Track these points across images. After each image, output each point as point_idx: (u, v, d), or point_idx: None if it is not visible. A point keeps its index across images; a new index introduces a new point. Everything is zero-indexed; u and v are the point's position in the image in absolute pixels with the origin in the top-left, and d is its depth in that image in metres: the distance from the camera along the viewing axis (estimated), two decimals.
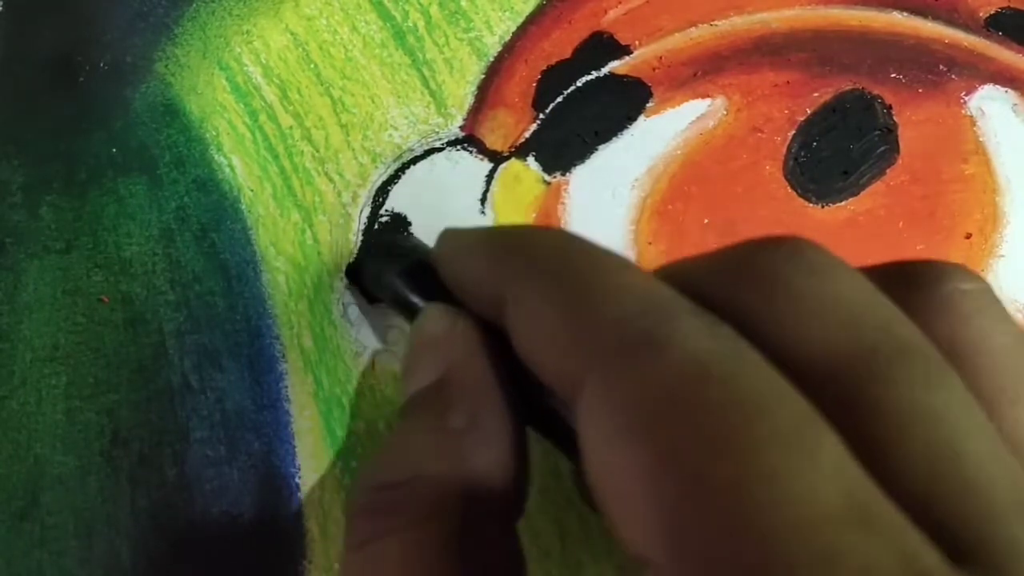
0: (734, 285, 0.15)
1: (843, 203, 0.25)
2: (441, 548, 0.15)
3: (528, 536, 0.21)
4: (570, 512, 0.18)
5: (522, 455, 0.17)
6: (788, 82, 0.26)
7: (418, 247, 0.21)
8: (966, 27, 0.27)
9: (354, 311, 0.22)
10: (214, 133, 0.23)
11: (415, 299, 0.19)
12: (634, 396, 0.13)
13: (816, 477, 0.11)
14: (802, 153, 0.25)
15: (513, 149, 0.24)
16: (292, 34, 0.24)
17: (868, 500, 0.12)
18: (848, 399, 0.13)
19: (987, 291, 0.16)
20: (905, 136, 0.26)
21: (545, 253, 0.16)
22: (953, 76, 0.27)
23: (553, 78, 0.25)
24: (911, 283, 0.15)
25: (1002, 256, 0.25)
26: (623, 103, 0.25)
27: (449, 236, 0.18)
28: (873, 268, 0.16)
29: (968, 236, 0.25)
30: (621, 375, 0.13)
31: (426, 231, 0.23)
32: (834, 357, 0.13)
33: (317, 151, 0.23)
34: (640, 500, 0.12)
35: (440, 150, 0.24)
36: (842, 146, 0.26)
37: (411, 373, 0.18)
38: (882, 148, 0.26)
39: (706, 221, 0.25)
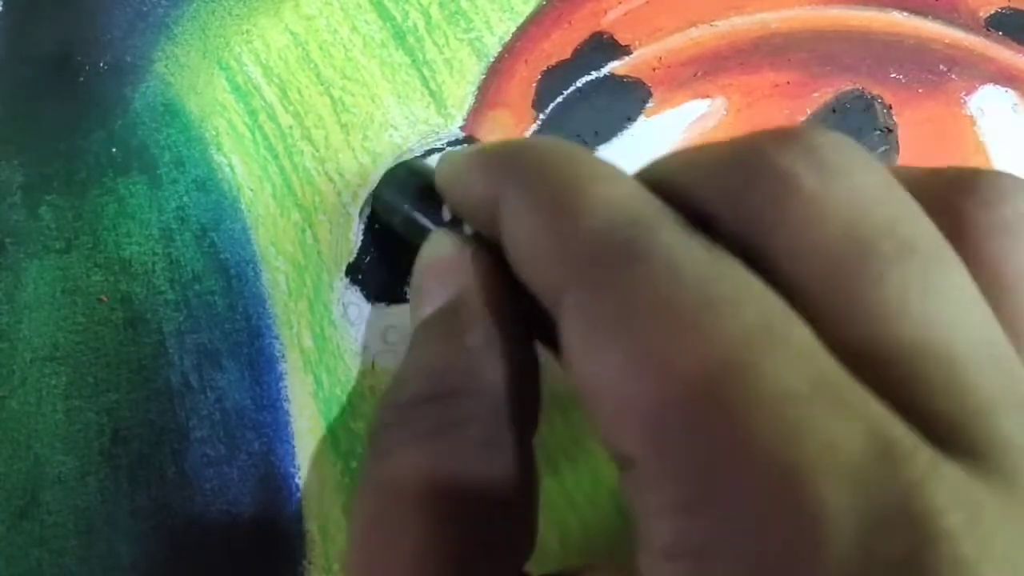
0: (740, 184, 0.14)
1: None
2: (460, 457, 0.16)
3: None
4: (571, 513, 0.18)
5: (535, 370, 0.17)
6: (788, 82, 0.26)
7: (428, 172, 0.21)
8: (966, 27, 0.27)
9: (354, 311, 0.22)
10: (214, 133, 0.23)
11: (426, 223, 0.20)
12: (609, 303, 0.13)
13: (782, 364, 0.12)
14: None
15: None
16: (292, 34, 0.24)
17: (837, 383, 0.12)
18: (836, 300, 0.13)
19: None
20: (905, 136, 0.26)
21: (533, 163, 0.16)
22: (953, 76, 0.27)
23: (553, 79, 0.25)
24: (970, 192, 0.15)
25: None
26: (623, 103, 0.25)
27: (447, 158, 0.19)
28: (929, 170, 0.16)
29: None
30: (597, 284, 0.14)
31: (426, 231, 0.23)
32: (830, 260, 0.13)
33: (317, 151, 0.23)
34: (618, 399, 0.13)
35: (440, 150, 0.24)
36: None
37: (420, 298, 0.18)
38: (882, 148, 0.26)
39: None
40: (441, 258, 0.18)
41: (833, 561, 0.11)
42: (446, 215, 0.19)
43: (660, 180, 0.15)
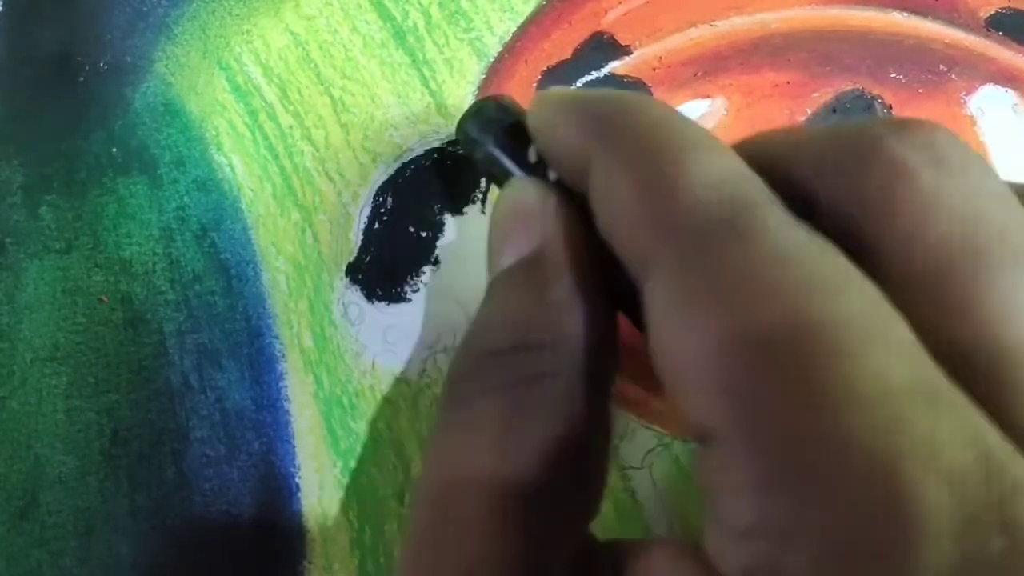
0: (852, 167, 0.14)
1: None
2: (543, 408, 0.15)
3: None
4: None
5: (615, 326, 0.17)
6: (788, 82, 0.26)
7: (518, 111, 0.20)
8: (966, 27, 0.27)
9: (354, 311, 0.22)
10: (214, 133, 0.23)
11: (509, 163, 0.19)
12: (706, 276, 0.13)
13: (884, 356, 0.12)
14: None
15: None
16: (292, 34, 0.24)
17: (937, 382, 0.12)
18: (942, 296, 0.13)
19: None
20: None
21: (630, 122, 0.16)
22: (953, 76, 0.27)
23: (553, 79, 0.25)
24: None
25: None
26: None
27: (541, 99, 0.18)
28: None
29: None
30: (695, 256, 0.13)
31: (426, 231, 0.23)
32: (940, 257, 0.13)
33: (317, 151, 0.23)
34: (708, 370, 0.13)
35: (441, 150, 0.24)
36: None
37: (502, 245, 0.18)
38: None
39: None
40: (524, 204, 0.18)
41: (930, 559, 0.11)
42: (532, 157, 0.19)
43: (761, 153, 0.15)
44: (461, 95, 0.25)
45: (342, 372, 0.22)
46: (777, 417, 0.12)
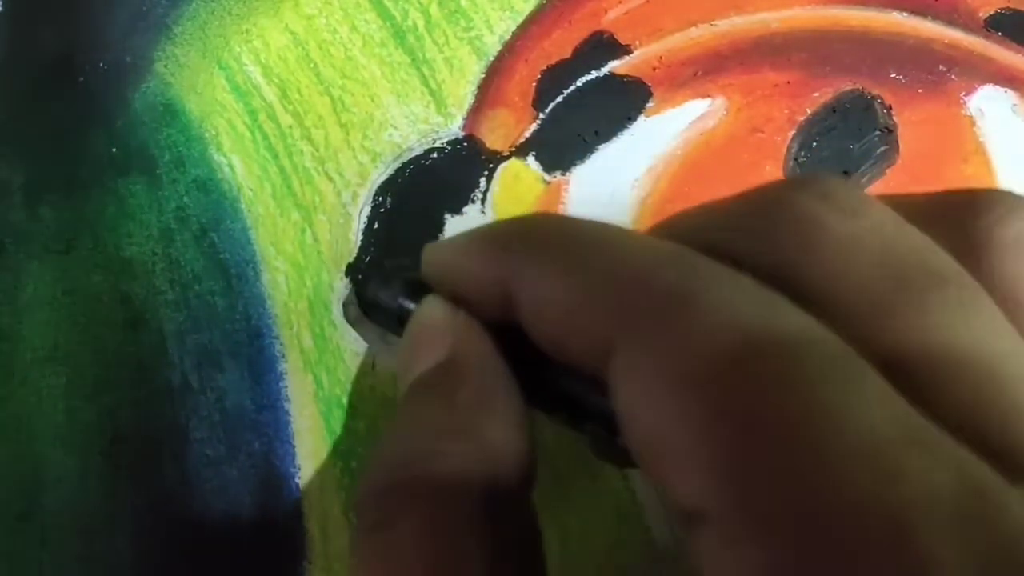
0: (764, 229, 0.15)
1: None
2: (462, 525, 0.15)
3: None
4: (571, 514, 0.18)
5: (529, 428, 0.17)
6: (788, 82, 0.26)
7: (409, 265, 0.21)
8: (966, 27, 0.27)
9: (354, 311, 0.22)
10: (214, 133, 0.23)
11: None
12: (676, 351, 0.13)
13: (867, 407, 0.12)
14: (802, 153, 0.25)
15: (513, 149, 0.24)
16: (292, 33, 0.24)
17: (918, 424, 0.12)
18: (885, 330, 0.13)
19: None
20: (905, 136, 0.26)
21: (545, 235, 0.16)
22: (953, 76, 0.27)
23: (553, 78, 0.25)
24: (985, 211, 0.15)
25: None
26: (623, 103, 0.25)
27: (435, 249, 0.19)
28: (937, 194, 0.16)
29: None
30: (658, 333, 0.13)
31: (426, 231, 0.23)
32: (869, 292, 0.13)
33: (317, 150, 0.23)
34: (693, 449, 0.12)
35: (440, 150, 0.24)
36: (842, 146, 0.26)
37: (412, 359, 0.18)
38: (882, 148, 0.26)
39: None
40: (436, 319, 0.18)
41: None
42: None
43: (675, 230, 0.16)
44: (461, 94, 0.25)
45: (342, 372, 0.22)
46: (773, 488, 0.12)
